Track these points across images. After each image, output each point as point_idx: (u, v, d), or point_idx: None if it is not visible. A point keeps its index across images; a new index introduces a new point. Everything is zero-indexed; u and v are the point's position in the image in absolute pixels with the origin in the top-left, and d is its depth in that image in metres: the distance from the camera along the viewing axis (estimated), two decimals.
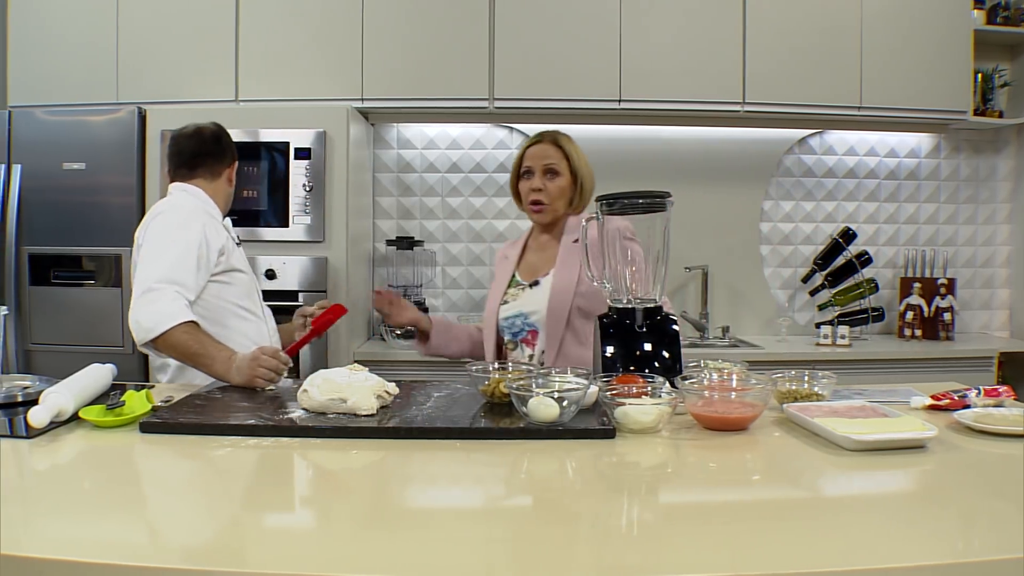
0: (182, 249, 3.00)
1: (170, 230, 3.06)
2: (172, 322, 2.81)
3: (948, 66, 5.05)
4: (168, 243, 3.01)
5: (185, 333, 2.82)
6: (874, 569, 1.32)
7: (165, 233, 3.05)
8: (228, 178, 3.38)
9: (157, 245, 3.02)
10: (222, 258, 3.14)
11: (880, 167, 5.56)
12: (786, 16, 4.96)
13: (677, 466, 2.05)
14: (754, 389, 2.32)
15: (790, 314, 5.51)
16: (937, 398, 2.46)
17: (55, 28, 4.93)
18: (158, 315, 2.83)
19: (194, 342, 2.82)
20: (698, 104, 4.97)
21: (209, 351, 2.80)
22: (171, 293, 2.88)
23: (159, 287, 2.87)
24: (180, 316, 2.84)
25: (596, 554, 1.44)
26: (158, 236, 3.04)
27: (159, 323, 2.81)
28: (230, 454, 2.04)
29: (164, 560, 1.37)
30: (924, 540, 1.47)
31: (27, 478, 1.93)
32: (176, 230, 3.05)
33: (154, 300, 2.85)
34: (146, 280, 2.90)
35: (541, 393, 2.18)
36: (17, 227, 4.51)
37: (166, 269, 2.93)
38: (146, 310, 2.84)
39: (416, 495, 1.84)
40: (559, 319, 3.10)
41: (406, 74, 4.89)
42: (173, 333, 2.81)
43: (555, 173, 3.24)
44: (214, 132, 3.34)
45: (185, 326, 2.83)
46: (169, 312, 2.83)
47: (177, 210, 3.15)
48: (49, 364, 4.36)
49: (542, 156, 3.26)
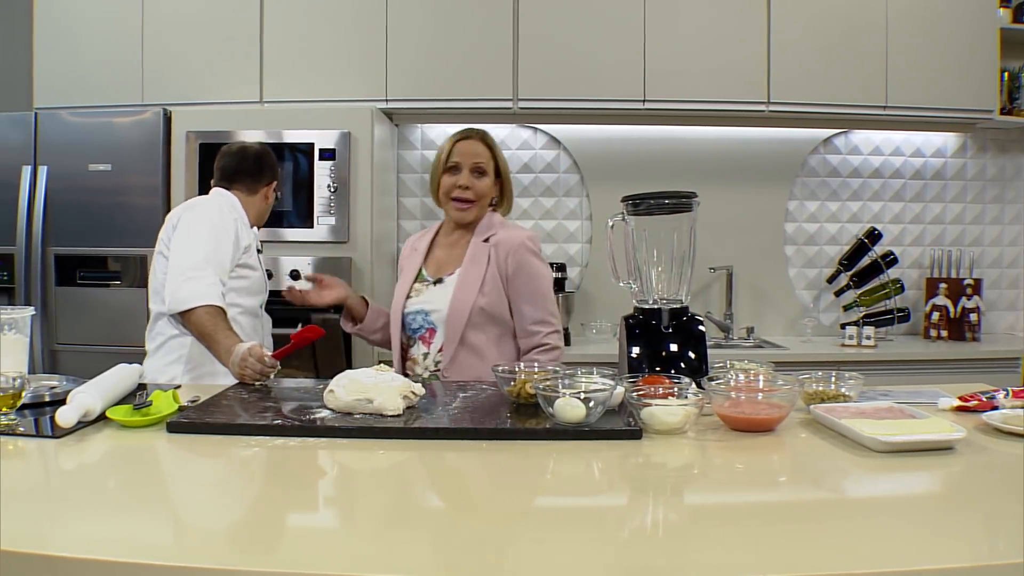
0: (220, 234, 3.25)
1: (210, 217, 3.30)
2: (203, 301, 3.04)
3: (974, 65, 5.01)
4: (208, 228, 3.25)
5: (207, 315, 3.02)
6: (901, 571, 1.31)
7: (206, 219, 3.29)
8: (264, 195, 3.58)
9: (198, 229, 3.26)
10: (245, 255, 3.33)
11: (906, 167, 5.53)
12: (811, 15, 4.94)
13: (703, 467, 2.04)
14: (781, 390, 2.31)
15: (815, 315, 5.48)
16: (965, 399, 2.44)
17: (80, 30, 4.96)
18: (194, 292, 3.06)
19: (211, 325, 3.00)
20: (722, 104, 4.95)
21: (218, 337, 2.96)
22: (211, 276, 3.12)
23: (203, 267, 3.12)
24: (209, 298, 3.06)
25: (622, 555, 1.44)
26: (199, 220, 3.29)
27: (192, 298, 3.04)
28: (256, 454, 2.05)
29: (189, 559, 1.37)
30: (951, 542, 1.46)
31: (53, 477, 1.95)
32: (215, 217, 3.30)
33: (196, 279, 3.10)
34: (190, 259, 3.14)
35: (568, 394, 2.18)
36: (43, 228, 4.54)
37: (209, 251, 3.18)
38: (186, 286, 3.08)
39: (442, 495, 1.85)
40: (459, 320, 3.10)
41: (430, 75, 4.89)
42: (198, 311, 3.03)
43: (482, 172, 3.24)
44: (256, 153, 3.57)
45: (210, 308, 3.03)
46: (203, 292, 3.07)
47: (212, 204, 3.38)
48: (75, 364, 4.39)
49: (472, 154, 3.24)
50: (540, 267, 3.19)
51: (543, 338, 3.14)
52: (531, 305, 3.14)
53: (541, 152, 5.41)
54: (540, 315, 3.15)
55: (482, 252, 3.17)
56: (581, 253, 5.45)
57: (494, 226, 3.23)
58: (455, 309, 3.10)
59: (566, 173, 5.44)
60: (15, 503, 1.64)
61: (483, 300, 3.10)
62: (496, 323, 3.13)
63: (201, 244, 3.18)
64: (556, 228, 5.44)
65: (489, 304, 3.10)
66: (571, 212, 5.45)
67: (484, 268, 3.13)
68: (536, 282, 3.16)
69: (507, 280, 3.12)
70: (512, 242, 3.15)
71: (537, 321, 3.15)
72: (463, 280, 3.14)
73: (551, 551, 1.45)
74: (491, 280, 3.11)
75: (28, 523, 1.53)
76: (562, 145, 5.41)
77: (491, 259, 3.14)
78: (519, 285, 3.13)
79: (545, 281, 3.20)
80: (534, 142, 5.42)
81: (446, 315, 3.11)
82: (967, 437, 2.03)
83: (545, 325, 3.15)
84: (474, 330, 3.10)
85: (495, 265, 3.13)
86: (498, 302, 3.11)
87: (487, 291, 3.11)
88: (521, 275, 3.13)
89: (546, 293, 3.19)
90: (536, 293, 3.16)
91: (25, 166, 4.55)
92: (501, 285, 3.12)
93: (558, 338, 3.18)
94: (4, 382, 2.19)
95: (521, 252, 3.14)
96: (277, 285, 4.36)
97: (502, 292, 3.12)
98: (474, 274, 3.14)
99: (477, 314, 3.09)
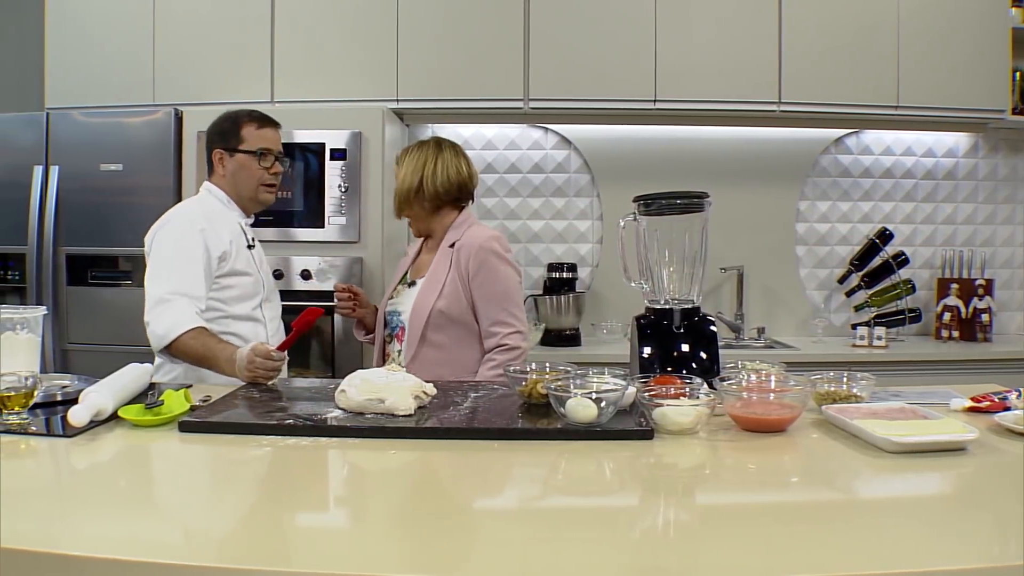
0: (185, 260, 3.12)
1: (173, 243, 3.17)
2: (181, 329, 2.98)
3: (986, 65, 5.00)
4: (172, 256, 3.14)
5: (192, 339, 2.97)
6: (913, 572, 1.31)
7: (168, 246, 3.17)
8: (241, 164, 3.35)
9: (162, 259, 3.15)
10: (223, 263, 3.22)
11: (917, 167, 5.51)
12: (822, 15, 4.93)
13: (715, 467, 2.04)
14: (793, 390, 2.31)
15: (826, 315, 5.47)
16: (977, 400, 2.43)
17: (92, 31, 4.97)
18: (169, 323, 3.00)
19: (200, 346, 2.96)
20: (733, 104, 4.94)
21: (214, 353, 2.92)
22: (182, 302, 3.03)
23: (170, 298, 3.03)
24: (188, 323, 3.00)
25: (633, 555, 1.44)
26: (162, 250, 3.17)
27: (170, 331, 2.98)
28: (268, 454, 2.05)
29: (200, 558, 1.38)
30: (963, 543, 1.46)
31: (65, 476, 1.96)
32: (179, 242, 3.16)
33: (165, 310, 3.02)
34: (157, 292, 3.06)
35: (579, 394, 2.18)
36: (55, 228, 4.54)
37: (175, 281, 3.07)
38: (159, 320, 3.02)
39: (453, 495, 1.85)
40: (419, 321, 3.21)
41: (441, 75, 4.89)
42: (182, 340, 2.97)
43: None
44: (224, 116, 3.41)
45: (192, 332, 2.98)
46: (179, 320, 2.99)
47: (176, 222, 3.24)
48: (86, 363, 4.39)
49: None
50: (500, 268, 3.24)
51: (502, 339, 3.20)
52: (490, 306, 3.22)
53: (552, 152, 5.41)
54: (499, 316, 3.22)
55: (446, 256, 3.28)
56: (592, 253, 5.45)
57: (461, 227, 3.33)
58: (416, 311, 3.23)
59: (577, 173, 5.43)
60: (27, 502, 1.65)
61: (442, 303, 3.21)
62: (456, 325, 3.23)
63: (166, 275, 3.09)
64: (567, 228, 5.44)
65: (447, 307, 3.20)
66: (582, 212, 5.45)
67: (446, 272, 3.24)
68: (495, 284, 3.22)
69: (468, 282, 3.21)
70: (473, 244, 3.23)
71: (496, 322, 3.22)
72: (426, 284, 3.28)
73: (563, 551, 1.45)
74: (451, 283, 3.22)
75: (40, 522, 1.53)
76: (573, 145, 5.40)
77: (452, 263, 3.24)
78: (478, 286, 3.21)
79: (505, 281, 3.25)
80: (545, 142, 5.42)
81: (409, 316, 3.24)
82: (979, 438, 2.03)
83: (504, 326, 3.21)
84: (435, 331, 3.22)
85: (456, 267, 3.23)
86: (457, 304, 3.21)
87: (446, 293, 3.21)
88: (480, 276, 3.21)
89: (507, 293, 3.24)
90: (495, 294, 3.22)
91: (37, 166, 4.56)
92: (461, 288, 3.21)
93: (519, 338, 3.23)
94: (17, 381, 2.20)
95: (481, 254, 3.22)
96: (288, 285, 4.38)
97: (462, 295, 3.21)
98: (436, 278, 3.26)
99: (436, 316, 3.20)
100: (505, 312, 3.21)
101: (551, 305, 5.00)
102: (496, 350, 3.19)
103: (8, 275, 4.63)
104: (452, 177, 3.33)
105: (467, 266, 3.20)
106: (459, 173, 3.34)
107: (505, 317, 3.20)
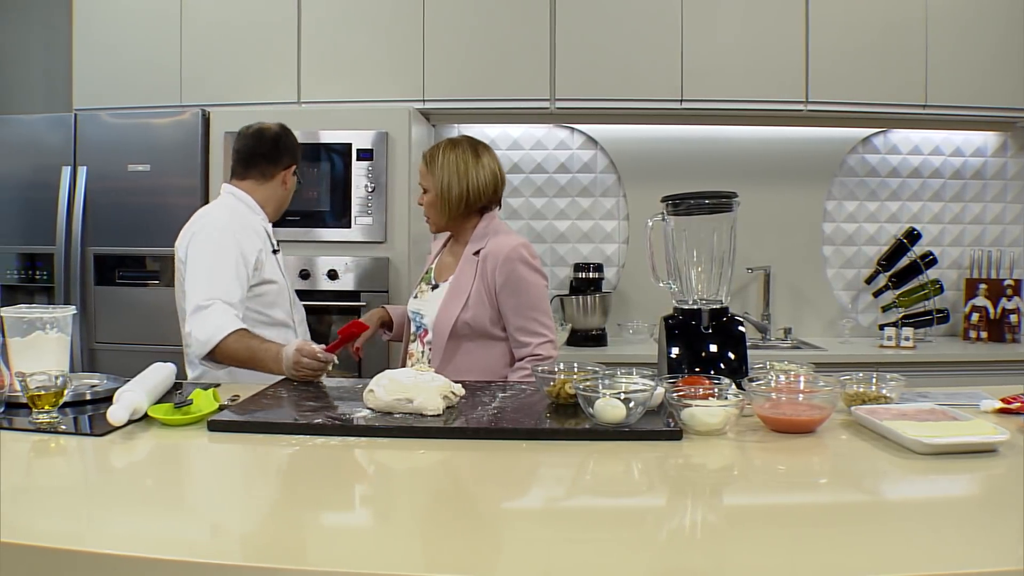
0: (222, 265, 3.13)
1: (209, 248, 3.17)
2: (223, 333, 2.97)
3: (1015, 63, 4.96)
4: (209, 262, 3.14)
5: (235, 342, 2.98)
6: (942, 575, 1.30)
7: (205, 252, 3.17)
8: (283, 181, 3.42)
9: (200, 265, 3.15)
10: (257, 272, 3.24)
11: (945, 166, 5.48)
12: (850, 13, 4.90)
13: (743, 468, 2.03)
14: (822, 391, 2.30)
15: (853, 315, 5.45)
16: (1007, 401, 2.41)
17: (119, 32, 5.00)
18: (211, 328, 2.99)
19: (243, 349, 2.97)
20: (760, 104, 4.92)
21: (258, 354, 2.94)
22: (220, 307, 3.03)
23: (208, 303, 3.03)
24: (229, 326, 2.99)
25: (660, 556, 1.44)
26: (199, 256, 3.17)
27: (212, 336, 2.97)
28: (297, 453, 2.06)
29: (227, 557, 1.39)
30: (994, 546, 1.44)
31: (94, 475, 1.97)
32: (215, 247, 3.17)
33: (205, 316, 3.01)
34: (195, 299, 3.05)
35: (608, 394, 2.17)
36: (83, 228, 4.58)
37: (212, 286, 3.07)
38: (199, 326, 3.01)
39: (480, 495, 1.85)
40: (444, 331, 3.14)
41: (467, 75, 4.90)
42: (226, 343, 2.97)
43: (424, 191, 3.29)
44: (275, 134, 3.39)
45: (235, 335, 2.98)
46: (219, 324, 2.99)
47: (211, 228, 3.25)
48: (113, 363, 4.42)
49: (420, 175, 3.33)
50: (529, 276, 3.15)
51: (534, 348, 3.14)
52: (519, 316, 3.14)
53: (578, 152, 5.41)
54: (529, 325, 3.15)
55: (471, 264, 3.19)
56: (618, 253, 5.44)
57: (487, 235, 3.23)
58: (440, 320, 3.16)
59: (603, 173, 5.43)
60: (57, 500, 1.66)
61: (467, 314, 3.13)
62: (482, 334, 3.16)
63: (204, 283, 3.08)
64: (593, 228, 5.43)
65: (473, 318, 3.13)
66: (608, 212, 5.44)
67: (471, 282, 3.16)
68: (524, 294, 3.14)
69: (495, 292, 3.13)
70: (499, 254, 3.14)
71: (527, 332, 3.15)
72: (450, 293, 3.20)
73: (589, 551, 1.45)
74: (476, 294, 3.13)
75: (70, 520, 1.55)
76: (599, 145, 5.40)
77: (478, 272, 3.16)
78: (506, 297, 3.13)
79: (534, 291, 3.16)
80: (571, 142, 5.41)
81: (434, 324, 3.18)
82: (1010, 439, 2.02)
83: (535, 336, 3.15)
84: (461, 339, 3.15)
85: (481, 278, 3.15)
86: (483, 315, 3.13)
87: (471, 304, 3.13)
88: (508, 287, 3.13)
89: (535, 303, 3.16)
90: (524, 304, 3.15)
91: (65, 166, 4.59)
92: (487, 298, 3.14)
93: (551, 347, 3.17)
94: (47, 380, 2.22)
95: (509, 264, 3.12)
96: (314, 285, 4.39)
97: (487, 305, 3.14)
98: (461, 288, 3.17)
99: (461, 327, 3.13)
100: (535, 322, 3.15)
101: (577, 305, 5.00)
102: (528, 359, 3.13)
103: (36, 275, 4.67)
104: (491, 183, 3.25)
105: (494, 276, 3.12)
106: (495, 178, 3.27)
107: (535, 327, 3.14)
